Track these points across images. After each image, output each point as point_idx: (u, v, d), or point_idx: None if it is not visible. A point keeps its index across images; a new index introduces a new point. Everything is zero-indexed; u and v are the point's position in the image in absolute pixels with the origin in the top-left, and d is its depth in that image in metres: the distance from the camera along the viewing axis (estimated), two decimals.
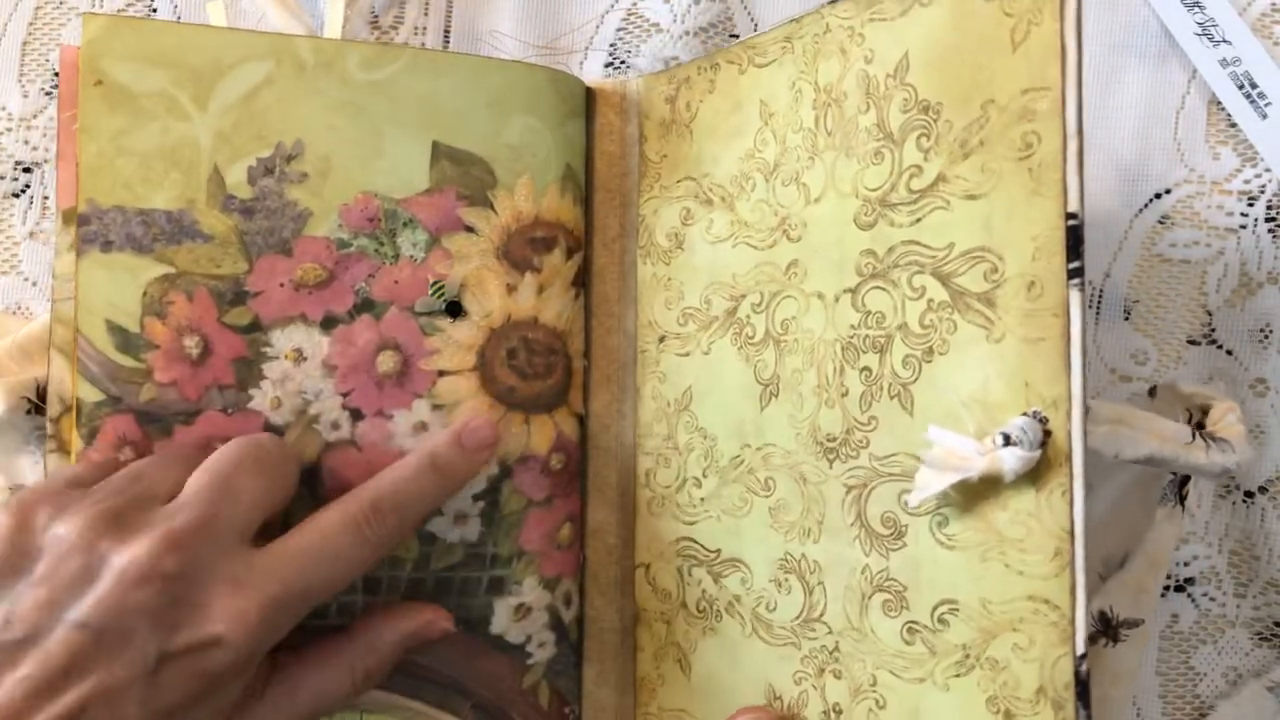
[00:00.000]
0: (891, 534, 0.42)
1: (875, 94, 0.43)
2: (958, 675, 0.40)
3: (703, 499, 0.50)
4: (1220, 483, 0.54)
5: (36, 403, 0.52)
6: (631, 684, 0.53)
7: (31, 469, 0.56)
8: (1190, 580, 0.54)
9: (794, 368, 0.46)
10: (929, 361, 0.41)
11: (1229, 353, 0.54)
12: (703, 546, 0.50)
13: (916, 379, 0.41)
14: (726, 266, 0.50)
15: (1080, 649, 0.36)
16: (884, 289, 0.42)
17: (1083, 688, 0.36)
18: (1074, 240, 0.36)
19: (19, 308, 0.60)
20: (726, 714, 0.48)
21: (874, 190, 0.43)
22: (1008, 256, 0.38)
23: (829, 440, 0.45)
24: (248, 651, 0.39)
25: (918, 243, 0.41)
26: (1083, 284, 0.36)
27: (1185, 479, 0.49)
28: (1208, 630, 0.55)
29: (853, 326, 0.44)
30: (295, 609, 0.41)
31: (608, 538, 0.53)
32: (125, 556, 0.39)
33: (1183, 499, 0.49)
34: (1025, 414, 0.37)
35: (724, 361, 0.49)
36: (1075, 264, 0.36)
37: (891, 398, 0.42)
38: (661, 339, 0.52)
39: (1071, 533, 0.36)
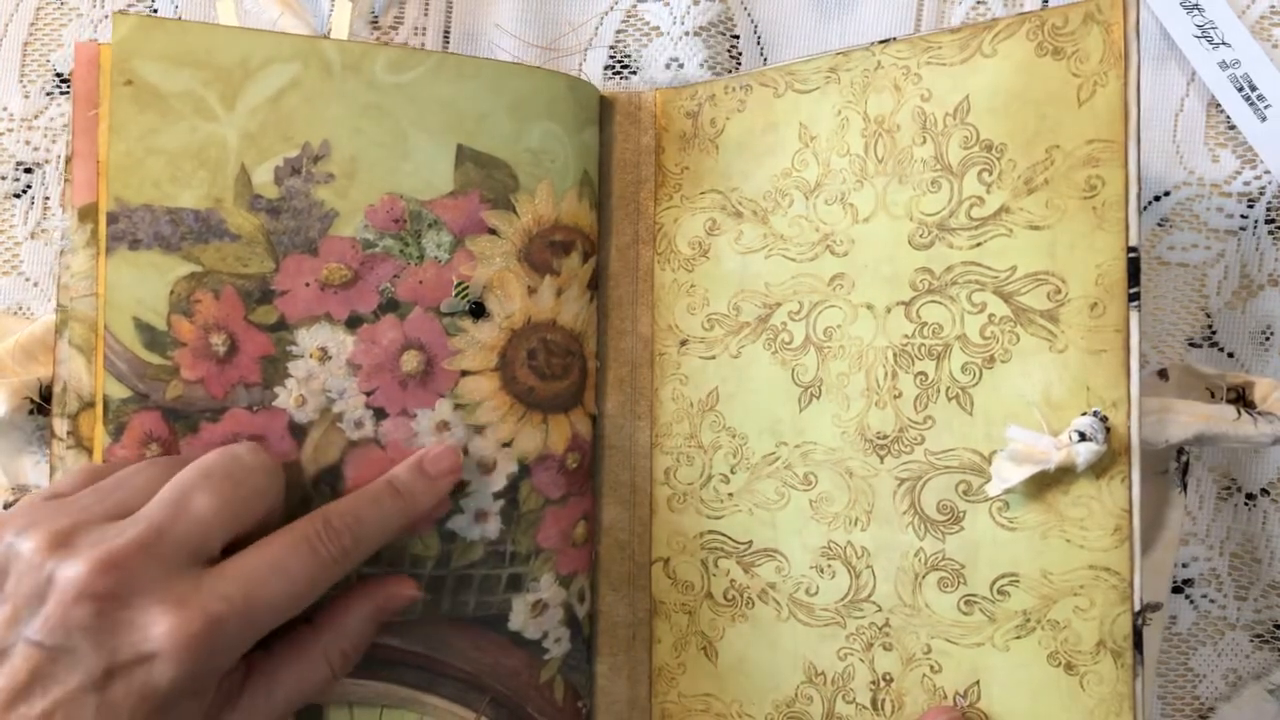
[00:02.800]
0: (948, 519, 0.46)
1: (933, 129, 0.47)
2: (1018, 637, 0.44)
3: (731, 494, 0.51)
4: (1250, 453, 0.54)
5: (39, 403, 0.51)
6: (646, 676, 0.53)
7: (33, 469, 0.55)
8: (1189, 582, 0.54)
9: (839, 371, 0.48)
10: (990, 368, 0.45)
11: (1230, 355, 0.54)
12: (731, 539, 0.51)
13: (977, 383, 0.45)
14: (758, 276, 0.51)
15: (1138, 605, 0.41)
16: (941, 303, 0.46)
17: (1138, 637, 0.41)
18: (1134, 269, 0.42)
19: (20, 308, 0.59)
20: (760, 694, 0.50)
21: (931, 215, 0.47)
22: (1071, 280, 0.43)
23: (879, 438, 0.48)
24: (191, 670, 0.38)
25: (978, 264, 0.45)
26: (1140, 305, 0.42)
27: (1186, 467, 0.51)
28: (1207, 632, 0.55)
29: (906, 336, 0.47)
30: (244, 627, 0.40)
31: (619, 535, 0.53)
32: (65, 574, 0.38)
33: (1185, 486, 0.51)
34: (1086, 413, 0.42)
35: (755, 365, 0.51)
36: (1134, 289, 0.42)
37: (950, 399, 0.46)
38: (683, 343, 0.53)
39: (1130, 511, 0.42)
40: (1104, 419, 0.42)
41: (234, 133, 0.46)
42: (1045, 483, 0.43)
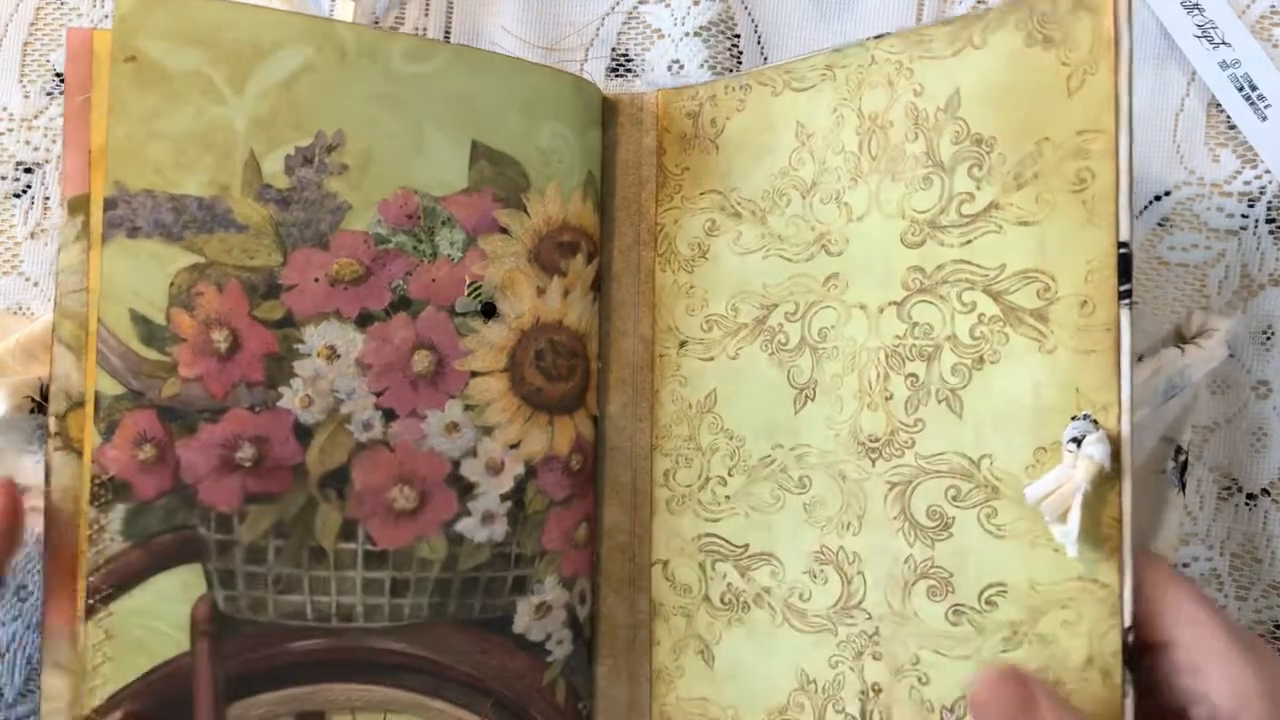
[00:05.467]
0: (937, 525, 0.38)
1: (924, 125, 0.40)
2: (1005, 650, 0.37)
3: (728, 496, 0.44)
4: (1218, 382, 0.48)
5: (40, 401, 0.44)
6: (646, 678, 0.46)
7: (34, 469, 0.48)
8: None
9: (833, 373, 0.41)
10: (979, 369, 0.38)
11: (1231, 355, 0.47)
12: (728, 542, 0.44)
13: (966, 385, 0.38)
14: (756, 276, 0.44)
15: (1128, 621, 0.34)
16: (932, 303, 0.39)
17: (1129, 655, 0.34)
18: (1125, 265, 0.35)
19: (20, 308, 0.52)
20: (754, 700, 0.43)
21: (922, 212, 0.40)
22: (1061, 278, 0.36)
23: (871, 441, 0.40)
24: None
25: (969, 262, 0.38)
26: (1131, 303, 0.35)
27: (1184, 466, 0.45)
28: None
29: (898, 336, 0.40)
30: None
31: (620, 536, 0.46)
32: None
33: (1183, 485, 0.45)
34: (1075, 417, 0.35)
35: (753, 366, 0.43)
36: (1126, 286, 0.35)
37: (939, 402, 0.39)
38: (682, 344, 0.45)
39: (1120, 520, 0.34)
40: (1095, 422, 0.35)
41: (243, 117, 0.38)
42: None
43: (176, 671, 0.38)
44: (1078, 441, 0.34)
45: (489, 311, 0.41)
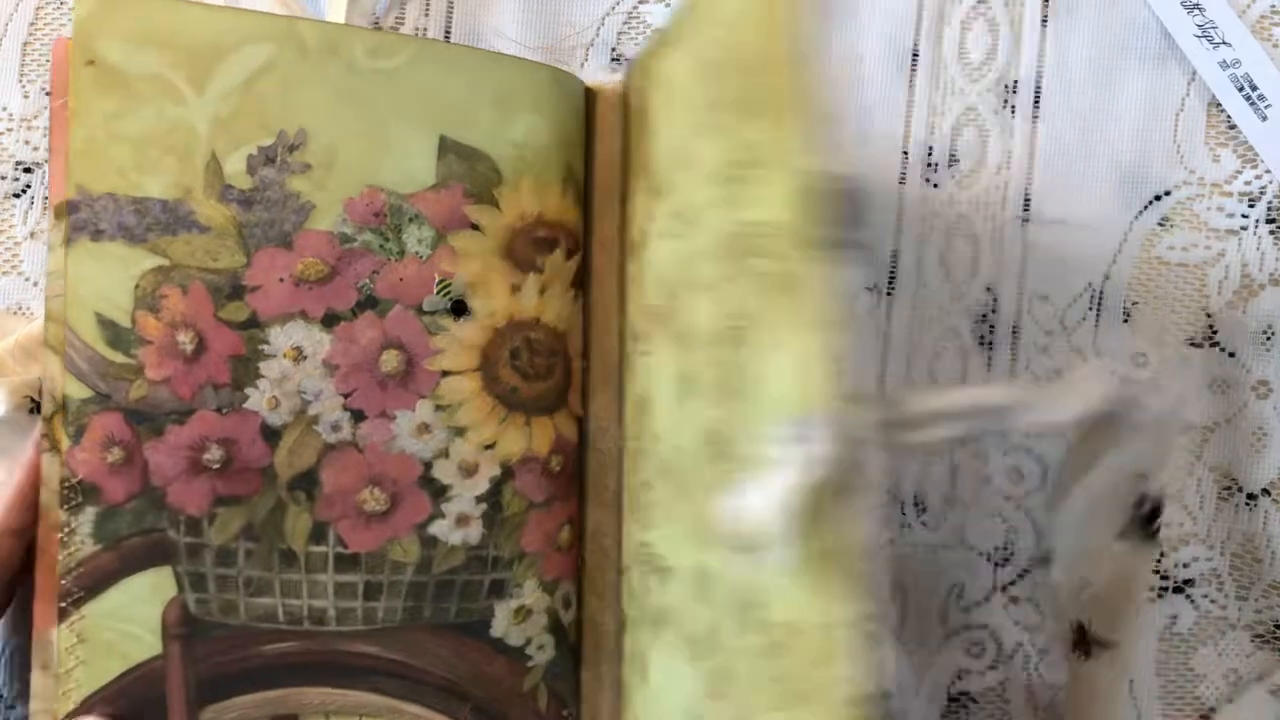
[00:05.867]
0: (747, 544, 0.30)
1: (716, 55, 0.33)
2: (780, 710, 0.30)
3: (654, 503, 0.40)
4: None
5: (39, 401, 0.44)
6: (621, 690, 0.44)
7: None
8: (1190, 582, 0.48)
9: (697, 360, 0.35)
10: (753, 354, 0.30)
11: (1231, 355, 0.47)
12: (656, 552, 0.40)
13: (746, 373, 0.31)
14: (664, 260, 0.40)
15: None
16: (731, 277, 0.32)
17: None
18: (833, 202, 0.25)
19: (20, 308, 0.51)
20: None
21: (721, 168, 0.32)
22: (794, 229, 0.28)
23: (711, 439, 0.34)
24: None
25: (746, 221, 0.31)
26: (842, 253, 0.25)
27: (1154, 512, 0.38)
28: (1208, 632, 0.48)
29: (717, 316, 0.33)
30: None
31: (604, 540, 0.45)
32: None
33: (1153, 532, 0.38)
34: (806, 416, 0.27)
35: (663, 359, 0.39)
36: (833, 232, 0.25)
37: (737, 392, 0.32)
38: (635, 339, 0.43)
39: (838, 552, 0.25)
40: (819, 424, 0.26)
41: (204, 118, 0.38)
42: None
43: (149, 674, 0.38)
44: (781, 446, 0.27)
45: (459, 309, 0.41)
